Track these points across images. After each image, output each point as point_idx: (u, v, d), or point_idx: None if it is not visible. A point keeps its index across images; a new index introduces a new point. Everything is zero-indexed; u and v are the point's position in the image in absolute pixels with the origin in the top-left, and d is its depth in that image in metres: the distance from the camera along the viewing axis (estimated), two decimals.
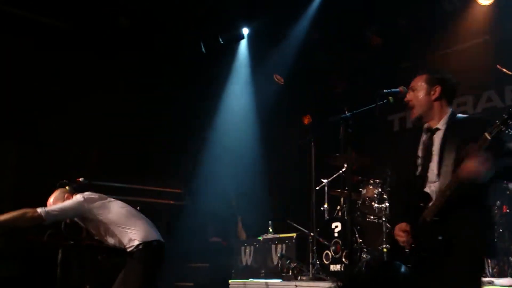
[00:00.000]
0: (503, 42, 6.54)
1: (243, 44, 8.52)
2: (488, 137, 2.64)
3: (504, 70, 5.67)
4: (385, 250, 5.29)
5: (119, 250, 4.67)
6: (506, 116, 2.63)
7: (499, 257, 5.05)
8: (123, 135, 7.77)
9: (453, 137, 2.87)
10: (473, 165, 2.62)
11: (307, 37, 7.78)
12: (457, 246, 2.69)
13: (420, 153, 2.99)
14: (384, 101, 2.99)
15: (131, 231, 4.31)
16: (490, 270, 4.92)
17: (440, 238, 2.71)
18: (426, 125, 3.04)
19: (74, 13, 7.30)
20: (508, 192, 5.31)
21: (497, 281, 4.44)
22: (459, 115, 3.03)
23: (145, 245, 4.24)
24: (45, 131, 7.24)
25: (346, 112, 3.01)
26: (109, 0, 7.33)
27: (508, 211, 5.25)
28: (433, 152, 2.92)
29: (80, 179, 5.80)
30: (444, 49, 7.08)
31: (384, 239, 5.39)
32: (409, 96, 3.02)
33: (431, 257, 2.76)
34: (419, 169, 2.95)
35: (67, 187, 4.75)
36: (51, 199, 4.62)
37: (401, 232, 2.87)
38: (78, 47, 7.45)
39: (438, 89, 2.99)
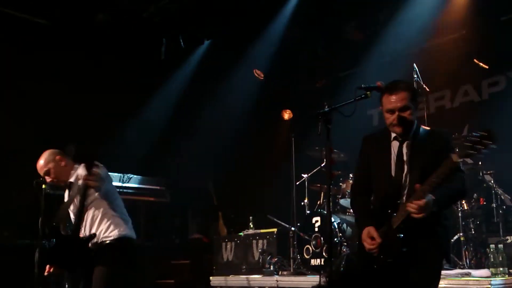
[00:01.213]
0: (480, 37, 6.61)
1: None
2: (455, 160, 2.62)
3: (481, 64, 5.75)
4: None
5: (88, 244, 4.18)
6: (477, 139, 2.57)
7: (476, 248, 5.14)
8: (103, 131, 7.67)
9: (420, 147, 2.91)
10: (412, 209, 2.68)
11: (287, 32, 7.77)
12: (418, 257, 2.77)
13: (392, 160, 2.98)
14: (362, 95, 2.96)
15: (123, 222, 3.99)
16: (468, 261, 4.99)
17: (404, 250, 2.78)
18: (393, 134, 3.02)
19: (51, 9, 7.19)
20: (484, 185, 5.39)
21: (474, 272, 4.50)
22: (423, 127, 3.05)
23: (131, 240, 3.99)
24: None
25: (326, 107, 2.97)
26: None
27: (484, 203, 5.33)
28: (404, 162, 2.94)
29: None
30: (422, 43, 7.14)
31: None
32: (403, 114, 2.91)
33: (395, 263, 2.82)
34: (393, 176, 2.95)
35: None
36: (41, 161, 4.13)
37: (368, 239, 2.88)
38: (56, 43, 7.34)
39: (418, 106, 3.08)
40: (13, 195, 6.73)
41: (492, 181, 5.32)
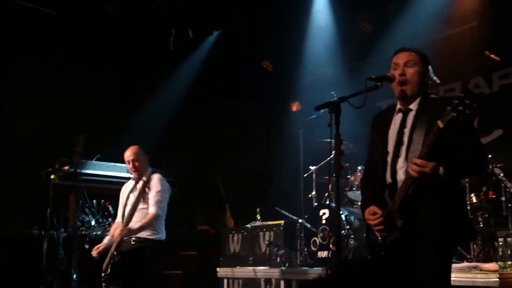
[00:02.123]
0: (491, 28, 6.53)
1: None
2: (441, 126, 2.53)
3: (492, 56, 5.67)
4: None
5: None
6: (456, 102, 2.49)
7: (484, 242, 5.10)
8: (110, 123, 7.69)
9: (424, 117, 2.78)
10: (414, 168, 2.57)
11: (296, 22, 7.73)
12: (420, 238, 2.64)
13: (391, 136, 2.91)
14: (373, 86, 2.91)
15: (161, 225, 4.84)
16: (476, 255, 4.96)
17: (405, 230, 2.68)
18: (398, 106, 2.96)
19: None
20: (494, 178, 5.33)
21: (483, 265, 4.47)
22: (433, 95, 2.95)
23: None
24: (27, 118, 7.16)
25: (335, 98, 2.95)
26: None
27: (494, 196, 5.28)
28: (404, 135, 2.84)
29: (65, 168, 5.75)
30: (432, 35, 7.06)
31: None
32: (405, 69, 2.87)
33: (403, 246, 2.70)
34: (389, 153, 2.87)
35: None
36: (131, 151, 4.85)
37: (370, 216, 2.82)
38: (64, 34, 7.35)
39: (428, 73, 2.93)
40: (22, 186, 6.76)
41: (501, 174, 5.27)
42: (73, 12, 7.42)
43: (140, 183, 4.75)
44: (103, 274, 4.58)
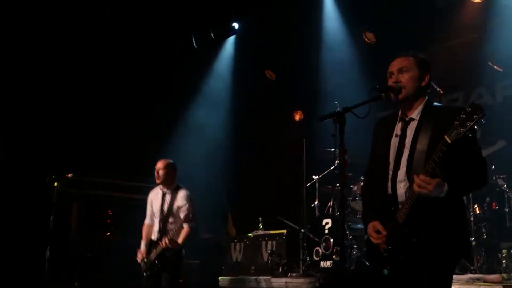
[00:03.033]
0: (494, 39, 6.54)
1: (232, 39, 8.50)
2: (449, 141, 2.47)
3: (495, 66, 5.68)
4: None
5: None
6: (463, 116, 2.43)
7: (488, 253, 5.08)
8: (110, 131, 7.71)
9: (426, 128, 2.70)
10: (419, 185, 2.53)
11: (299, 33, 7.77)
12: (426, 250, 2.59)
13: (392, 146, 2.83)
14: (377, 97, 2.90)
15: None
16: (479, 266, 4.94)
17: (414, 240, 2.61)
18: (400, 114, 2.88)
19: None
20: (497, 189, 5.33)
21: (486, 277, 4.45)
22: (436, 103, 2.86)
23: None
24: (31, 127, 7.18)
25: (338, 108, 2.94)
26: None
27: (497, 207, 5.27)
28: (405, 146, 2.77)
29: (69, 175, 5.76)
30: (436, 45, 7.08)
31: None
32: (399, 77, 2.81)
33: (408, 260, 2.65)
34: (390, 165, 2.80)
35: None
36: (163, 163, 5.30)
37: (374, 233, 2.76)
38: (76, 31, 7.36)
39: (428, 77, 2.85)
40: (26, 192, 6.78)
41: (505, 186, 5.26)
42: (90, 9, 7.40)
43: (169, 196, 5.30)
44: (144, 274, 5.24)
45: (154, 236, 5.30)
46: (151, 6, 7.58)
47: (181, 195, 5.26)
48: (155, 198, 5.44)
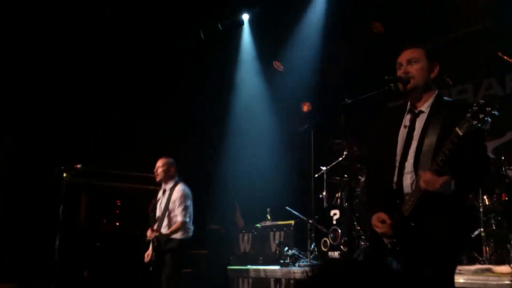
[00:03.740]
0: (504, 29, 6.47)
1: (245, 31, 8.46)
2: (460, 133, 2.46)
3: (505, 57, 5.62)
4: None
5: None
6: (476, 109, 2.43)
7: (497, 244, 5.06)
8: (121, 122, 7.73)
9: (435, 122, 2.68)
10: (424, 180, 2.54)
11: (308, 24, 7.72)
12: (432, 244, 2.59)
13: (400, 137, 2.82)
14: (386, 88, 2.88)
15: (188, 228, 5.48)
16: (488, 257, 4.92)
17: (420, 234, 2.62)
18: (409, 105, 2.87)
19: None
20: (507, 180, 5.29)
21: (495, 268, 4.44)
22: (446, 98, 2.85)
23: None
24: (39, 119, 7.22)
25: (347, 99, 2.92)
26: None
27: (506, 198, 5.24)
28: (413, 138, 2.76)
29: (78, 166, 5.80)
30: (445, 35, 7.02)
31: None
32: (408, 68, 2.80)
33: (412, 252, 2.64)
34: (398, 155, 2.79)
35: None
36: (158, 166, 5.54)
37: (379, 223, 2.75)
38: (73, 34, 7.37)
39: (437, 68, 2.84)
40: (37, 183, 6.83)
41: None
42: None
43: (168, 192, 5.53)
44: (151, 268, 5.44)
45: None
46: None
47: (177, 189, 5.51)
48: (160, 195, 5.72)
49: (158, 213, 5.57)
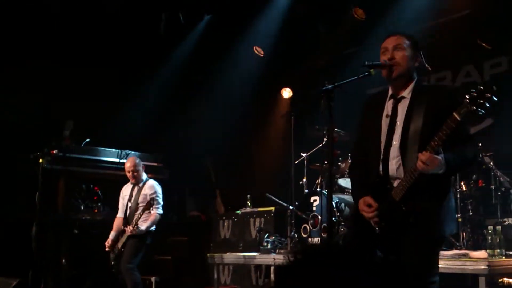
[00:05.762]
0: (484, 17, 6.51)
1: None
2: (458, 118, 2.48)
3: (484, 44, 5.67)
4: None
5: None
6: (475, 95, 2.44)
7: (474, 230, 5.15)
8: (102, 107, 7.61)
9: (419, 106, 2.71)
10: (424, 160, 2.54)
11: (289, 9, 7.66)
12: (422, 227, 2.63)
13: (383, 124, 2.84)
14: (366, 73, 2.88)
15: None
16: (465, 242, 5.00)
17: (411, 220, 2.63)
18: (390, 92, 2.89)
19: None
20: (483, 167, 5.37)
21: (472, 253, 4.51)
22: (424, 83, 2.90)
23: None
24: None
25: (327, 85, 2.90)
26: None
27: (483, 185, 5.32)
28: (397, 123, 2.78)
29: (54, 152, 5.71)
30: (424, 23, 7.03)
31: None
32: (394, 53, 2.81)
33: (399, 237, 2.67)
34: (382, 142, 2.80)
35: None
36: (131, 163, 5.70)
37: (366, 207, 2.75)
38: (54, 18, 7.22)
39: (419, 58, 2.87)
40: (12, 169, 6.70)
41: (491, 163, 5.30)
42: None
43: (137, 188, 5.74)
44: (113, 263, 5.63)
45: (122, 225, 5.68)
46: None
47: (149, 184, 5.70)
48: (125, 191, 5.88)
49: (127, 206, 5.75)
